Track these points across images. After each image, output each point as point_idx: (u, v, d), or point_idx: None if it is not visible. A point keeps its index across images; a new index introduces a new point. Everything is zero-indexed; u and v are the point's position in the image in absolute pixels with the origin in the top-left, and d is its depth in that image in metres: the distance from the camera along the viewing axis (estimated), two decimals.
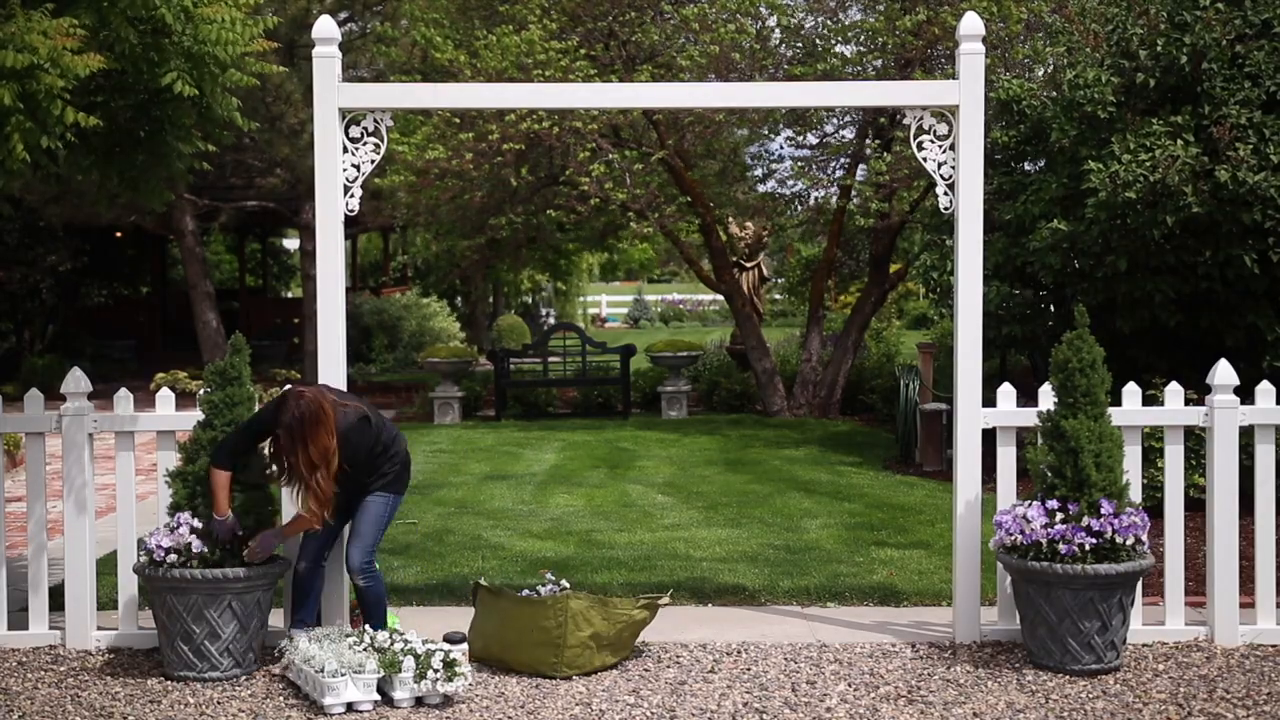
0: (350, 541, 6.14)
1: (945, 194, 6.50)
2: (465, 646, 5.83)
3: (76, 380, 6.45)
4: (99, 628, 6.55)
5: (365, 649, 5.72)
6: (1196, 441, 8.04)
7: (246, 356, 6.27)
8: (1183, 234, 9.59)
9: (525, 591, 6.27)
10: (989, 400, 6.52)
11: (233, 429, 6.07)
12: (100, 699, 5.73)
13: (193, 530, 5.97)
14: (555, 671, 5.96)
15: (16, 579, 7.08)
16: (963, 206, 6.44)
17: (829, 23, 14.92)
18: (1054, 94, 10.66)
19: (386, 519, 6.19)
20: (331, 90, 6.36)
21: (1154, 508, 7.33)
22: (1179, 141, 9.30)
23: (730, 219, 18.68)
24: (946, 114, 6.49)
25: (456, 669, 5.59)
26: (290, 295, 30.98)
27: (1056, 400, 6.19)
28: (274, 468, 6.02)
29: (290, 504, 6.22)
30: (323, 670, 5.55)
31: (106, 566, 7.06)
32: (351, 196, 6.42)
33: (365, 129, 6.44)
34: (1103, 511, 5.94)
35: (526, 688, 5.85)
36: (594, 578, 7.75)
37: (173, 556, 5.95)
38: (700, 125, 15.13)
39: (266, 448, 6.10)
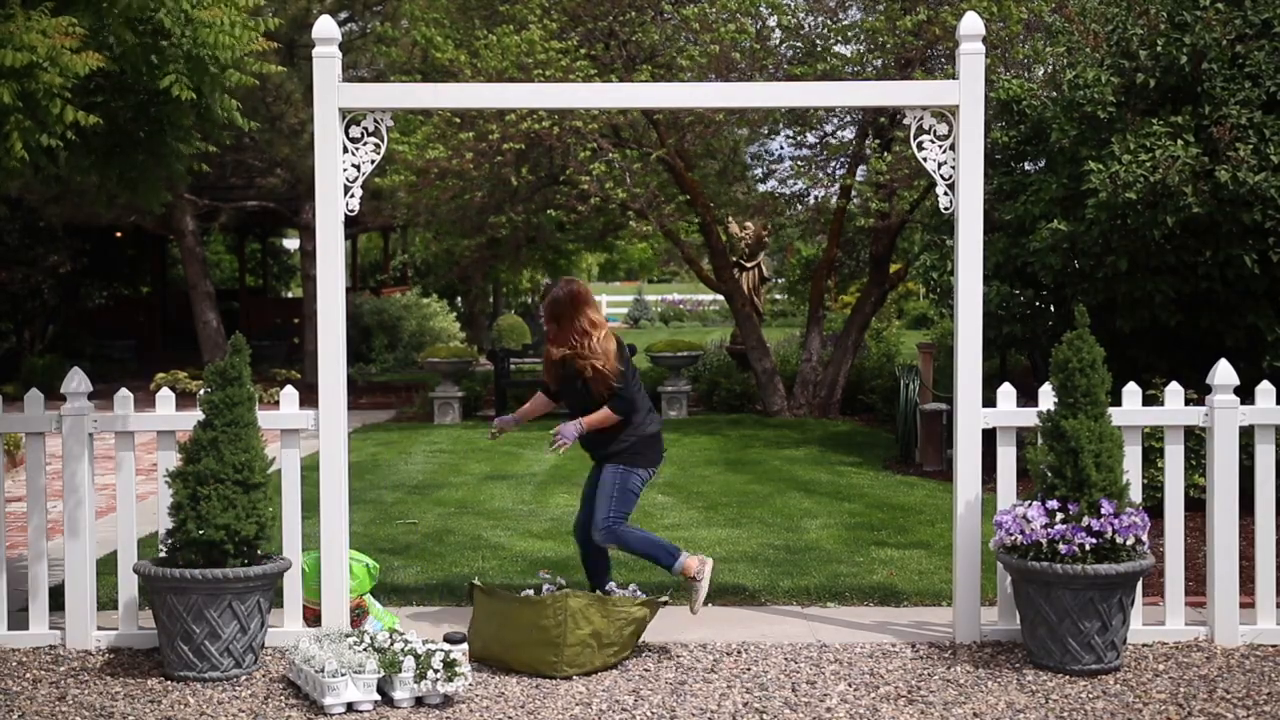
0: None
1: (945, 194, 6.50)
2: (465, 646, 5.82)
3: (77, 380, 6.45)
4: (99, 628, 6.55)
5: (365, 649, 5.72)
6: (1196, 441, 8.03)
7: (246, 356, 6.25)
8: (1183, 234, 9.59)
9: (524, 593, 6.27)
10: (989, 400, 6.52)
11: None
12: (100, 699, 5.73)
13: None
14: (555, 671, 5.96)
15: (16, 579, 7.08)
16: (963, 206, 6.44)
17: (829, 22, 14.92)
18: (1054, 94, 10.66)
19: (618, 490, 6.46)
20: (331, 90, 6.36)
21: (1154, 508, 7.32)
22: (1179, 142, 9.30)
23: (730, 219, 18.68)
24: (946, 114, 6.49)
25: (456, 669, 5.59)
26: (290, 295, 30.99)
27: (1056, 400, 6.19)
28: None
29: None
30: (323, 670, 5.55)
31: (106, 566, 7.06)
32: (351, 196, 6.42)
33: (365, 129, 6.43)
34: (1103, 511, 5.94)
35: (526, 688, 5.85)
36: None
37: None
38: (700, 125, 15.13)
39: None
